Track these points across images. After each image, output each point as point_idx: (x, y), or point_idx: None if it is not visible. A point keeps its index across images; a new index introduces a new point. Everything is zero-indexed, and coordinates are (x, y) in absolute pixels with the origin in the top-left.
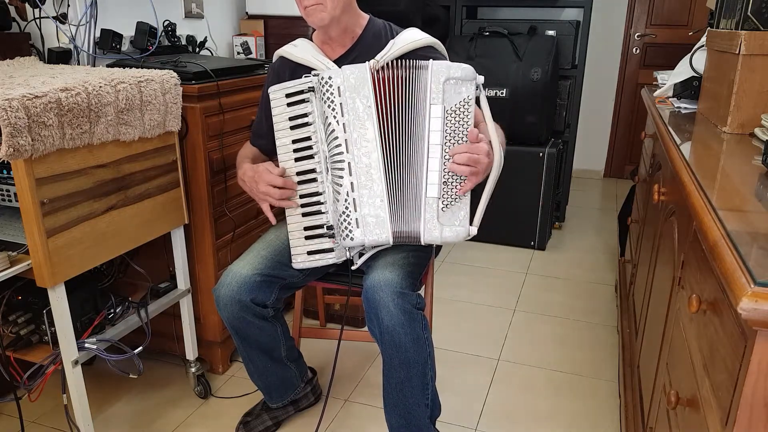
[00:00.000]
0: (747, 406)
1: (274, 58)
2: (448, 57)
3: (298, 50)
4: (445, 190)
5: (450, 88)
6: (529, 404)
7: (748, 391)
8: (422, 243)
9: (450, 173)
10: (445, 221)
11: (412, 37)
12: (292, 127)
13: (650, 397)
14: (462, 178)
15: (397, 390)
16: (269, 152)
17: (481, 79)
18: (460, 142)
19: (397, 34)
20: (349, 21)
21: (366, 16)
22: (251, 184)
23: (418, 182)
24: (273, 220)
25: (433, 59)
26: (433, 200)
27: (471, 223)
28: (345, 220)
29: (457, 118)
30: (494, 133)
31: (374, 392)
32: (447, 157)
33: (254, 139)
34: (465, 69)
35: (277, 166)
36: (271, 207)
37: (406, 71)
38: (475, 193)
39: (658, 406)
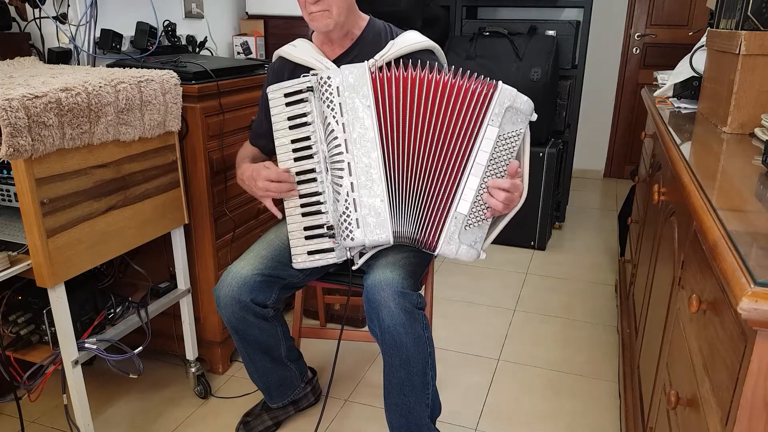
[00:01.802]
0: (747, 406)
1: (274, 59)
2: (446, 62)
3: (297, 50)
4: (473, 209)
5: (510, 116)
6: (529, 404)
7: (748, 391)
8: (435, 254)
9: (482, 194)
10: (464, 239)
11: (411, 40)
12: (291, 127)
13: (650, 397)
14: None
15: (397, 389)
16: (269, 152)
17: (534, 117)
18: (499, 169)
19: (397, 35)
20: (350, 24)
21: (366, 17)
22: (250, 183)
23: (448, 193)
24: (278, 214)
25: (431, 63)
26: (461, 216)
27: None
28: (345, 221)
29: (505, 146)
30: (527, 171)
31: (374, 392)
32: (486, 179)
33: (254, 139)
34: (528, 103)
35: (277, 166)
36: (275, 203)
37: (475, 84)
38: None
39: (658, 406)
